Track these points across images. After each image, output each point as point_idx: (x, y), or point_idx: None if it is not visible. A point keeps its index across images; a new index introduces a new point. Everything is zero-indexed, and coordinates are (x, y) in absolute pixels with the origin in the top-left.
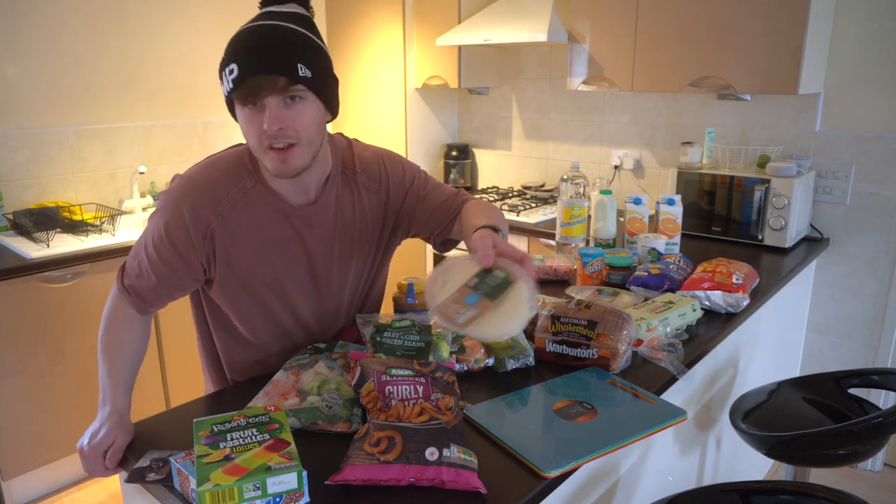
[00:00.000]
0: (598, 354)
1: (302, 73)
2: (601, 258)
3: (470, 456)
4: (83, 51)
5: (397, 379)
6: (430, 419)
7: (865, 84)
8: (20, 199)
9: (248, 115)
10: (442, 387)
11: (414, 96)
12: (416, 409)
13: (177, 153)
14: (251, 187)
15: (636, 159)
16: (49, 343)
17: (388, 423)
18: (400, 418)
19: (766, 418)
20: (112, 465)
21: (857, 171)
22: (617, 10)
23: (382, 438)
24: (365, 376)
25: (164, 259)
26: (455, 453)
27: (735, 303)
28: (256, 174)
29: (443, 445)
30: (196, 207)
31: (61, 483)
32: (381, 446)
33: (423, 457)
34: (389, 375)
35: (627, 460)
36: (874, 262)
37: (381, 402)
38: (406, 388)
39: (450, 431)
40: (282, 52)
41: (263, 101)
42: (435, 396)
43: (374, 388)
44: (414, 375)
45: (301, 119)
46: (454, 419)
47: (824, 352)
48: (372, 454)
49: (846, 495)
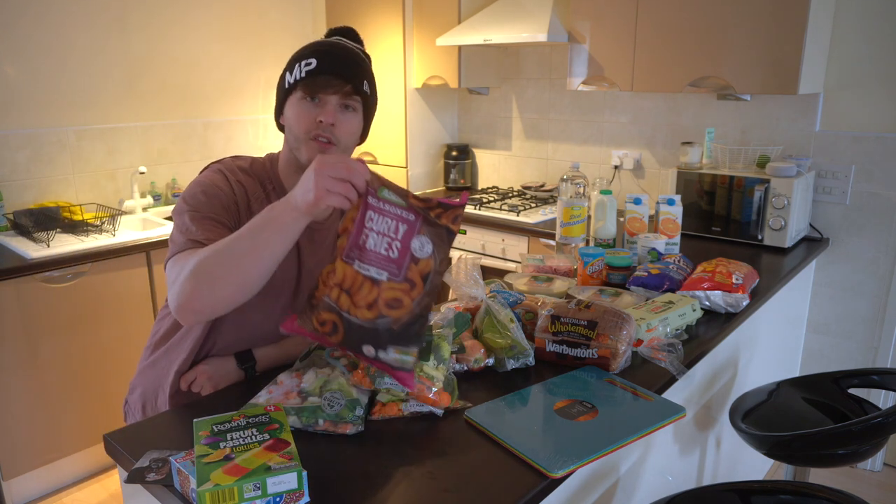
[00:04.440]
0: (598, 354)
1: (364, 88)
2: (601, 258)
3: (408, 355)
4: (83, 51)
5: (384, 208)
6: (379, 316)
7: (865, 84)
8: (20, 199)
9: (305, 105)
10: (432, 228)
11: (414, 96)
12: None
13: (177, 153)
14: (271, 190)
15: (636, 159)
16: (49, 343)
17: (334, 306)
18: (351, 293)
19: (766, 418)
20: None
21: (857, 171)
22: (617, 10)
23: (328, 321)
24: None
25: (219, 201)
26: (392, 355)
27: (735, 303)
28: (276, 181)
29: (379, 347)
30: (242, 182)
31: (61, 483)
32: (327, 328)
33: (360, 351)
34: (379, 198)
35: (627, 460)
36: (874, 262)
37: (347, 238)
38: (388, 221)
39: (395, 333)
40: (355, 64)
41: (326, 97)
42: (416, 246)
43: (357, 214)
44: (405, 208)
45: (347, 126)
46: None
47: (824, 352)
48: (317, 329)
49: (846, 495)
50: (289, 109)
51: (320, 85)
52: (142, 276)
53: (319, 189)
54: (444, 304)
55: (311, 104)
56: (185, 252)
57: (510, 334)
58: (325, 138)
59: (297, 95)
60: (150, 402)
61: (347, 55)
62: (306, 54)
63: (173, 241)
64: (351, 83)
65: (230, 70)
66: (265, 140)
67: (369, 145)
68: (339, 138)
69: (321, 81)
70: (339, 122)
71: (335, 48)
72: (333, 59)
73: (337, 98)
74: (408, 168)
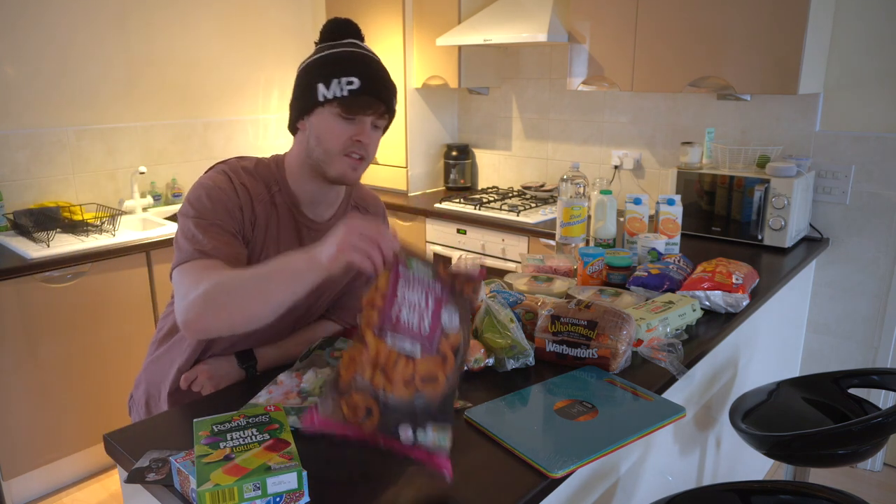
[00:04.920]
0: (598, 354)
1: (393, 108)
2: (602, 258)
3: (444, 438)
4: (83, 51)
5: (413, 280)
6: (416, 393)
7: (865, 84)
8: (20, 199)
9: (341, 123)
10: (458, 303)
11: (414, 96)
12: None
13: (177, 153)
14: (276, 192)
15: (636, 159)
16: (49, 343)
17: (369, 386)
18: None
19: (766, 418)
20: None
21: (857, 171)
22: (617, 10)
23: (360, 406)
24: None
25: (223, 205)
26: (430, 435)
27: (735, 303)
28: (282, 183)
29: (418, 425)
30: (246, 184)
31: (61, 483)
32: (360, 413)
33: (395, 436)
34: (409, 268)
35: (627, 460)
36: (874, 262)
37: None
38: (418, 294)
39: (433, 409)
40: (391, 86)
41: (364, 117)
42: (445, 319)
43: (388, 285)
44: (432, 279)
45: (375, 143)
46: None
47: (824, 352)
48: (347, 417)
49: (846, 495)
50: (320, 123)
51: (361, 106)
52: (142, 277)
53: (344, 243)
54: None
55: (346, 121)
56: (193, 263)
57: (510, 334)
58: (358, 155)
59: (334, 111)
60: (154, 399)
61: (385, 75)
62: (347, 70)
63: (179, 247)
64: (385, 104)
65: (230, 70)
66: (265, 140)
67: None
68: (369, 154)
69: (363, 102)
70: (370, 140)
71: (374, 66)
72: (376, 81)
73: (369, 118)
74: (408, 168)
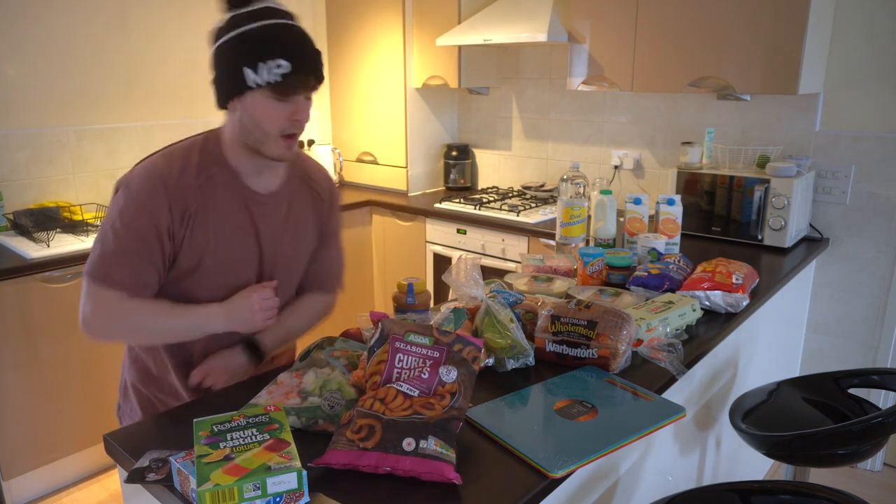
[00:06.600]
0: (598, 354)
1: (322, 76)
2: (602, 258)
3: (447, 450)
4: (83, 51)
5: (411, 350)
6: (414, 414)
7: (865, 84)
8: (20, 199)
9: (275, 105)
10: (456, 361)
11: (414, 96)
12: (404, 405)
13: None
14: (216, 172)
15: (636, 159)
16: (49, 343)
17: (370, 412)
18: (385, 402)
19: (766, 418)
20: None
21: (857, 172)
22: (617, 10)
23: (363, 426)
24: (383, 338)
25: (139, 230)
26: (432, 445)
27: (735, 303)
28: (222, 162)
29: (420, 437)
30: (174, 183)
31: (61, 483)
32: (362, 433)
33: (399, 446)
34: (406, 342)
35: (627, 460)
36: (874, 262)
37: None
38: (416, 360)
39: (431, 425)
40: (318, 56)
41: (296, 96)
42: (443, 372)
43: (387, 356)
44: (431, 345)
45: (308, 113)
46: (442, 412)
47: (824, 352)
48: (353, 441)
49: (846, 495)
50: (254, 105)
51: (294, 87)
52: None
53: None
54: (444, 304)
55: (281, 102)
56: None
57: (510, 334)
58: (295, 132)
59: (266, 95)
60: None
61: (311, 48)
62: (273, 52)
63: (96, 257)
64: (317, 78)
65: None
66: None
67: (369, 145)
68: (304, 127)
69: (295, 82)
70: (305, 114)
71: (300, 43)
72: (304, 60)
73: (304, 95)
74: (408, 168)
